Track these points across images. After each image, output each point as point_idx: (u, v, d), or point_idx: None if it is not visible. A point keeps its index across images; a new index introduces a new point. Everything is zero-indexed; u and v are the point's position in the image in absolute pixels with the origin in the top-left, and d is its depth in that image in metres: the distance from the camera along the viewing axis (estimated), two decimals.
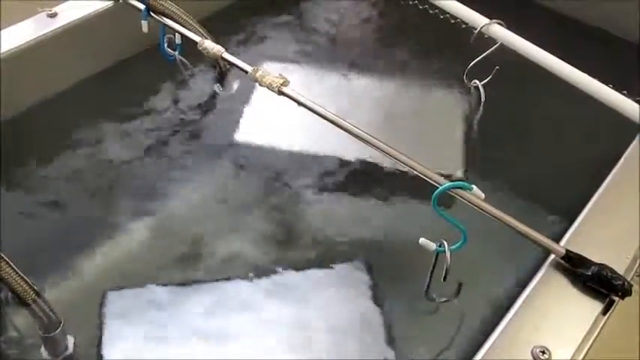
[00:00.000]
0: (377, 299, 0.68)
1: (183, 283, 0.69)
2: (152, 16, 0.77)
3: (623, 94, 0.75)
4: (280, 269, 0.70)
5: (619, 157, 0.65)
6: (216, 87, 0.87)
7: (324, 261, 0.71)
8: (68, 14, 0.79)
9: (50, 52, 0.79)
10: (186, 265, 0.70)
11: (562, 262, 0.53)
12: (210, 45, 0.71)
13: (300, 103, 0.65)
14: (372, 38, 0.98)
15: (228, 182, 0.80)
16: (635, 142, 0.65)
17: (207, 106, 0.86)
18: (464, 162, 0.79)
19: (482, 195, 0.58)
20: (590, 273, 0.51)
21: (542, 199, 0.75)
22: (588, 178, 0.71)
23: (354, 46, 0.97)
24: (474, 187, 0.58)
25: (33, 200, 0.76)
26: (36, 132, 0.82)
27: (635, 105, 0.66)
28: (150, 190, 0.78)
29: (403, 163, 0.59)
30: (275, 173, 0.80)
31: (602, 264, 0.51)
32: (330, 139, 0.81)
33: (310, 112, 0.81)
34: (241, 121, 0.85)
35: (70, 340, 0.62)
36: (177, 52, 0.81)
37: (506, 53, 0.78)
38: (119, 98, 0.85)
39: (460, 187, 0.57)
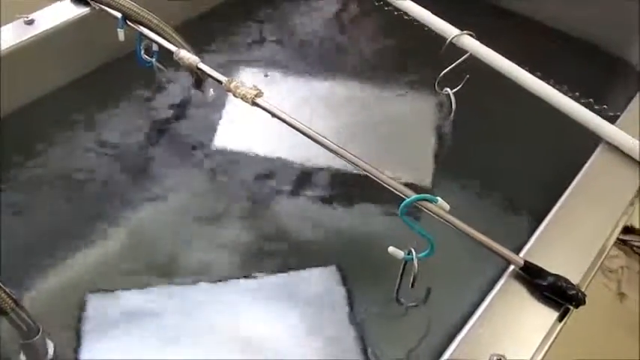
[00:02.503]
0: (349, 303, 0.70)
1: (158, 288, 0.70)
2: (128, 25, 0.78)
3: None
4: (253, 273, 0.71)
5: (581, 167, 0.68)
6: (193, 93, 0.88)
7: (296, 266, 0.72)
8: (45, 21, 0.80)
9: (27, 59, 0.80)
10: (159, 272, 0.72)
11: (521, 272, 0.56)
12: (185, 55, 0.73)
13: (273, 115, 0.67)
14: (345, 44, 1.00)
15: (202, 187, 0.81)
16: (595, 154, 0.67)
17: (184, 111, 0.87)
18: (434, 170, 0.81)
19: (447, 207, 0.60)
20: (546, 283, 0.54)
21: (508, 205, 0.78)
22: (554, 185, 0.74)
23: (327, 51, 0.98)
24: (438, 199, 0.60)
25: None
26: (11, 138, 0.82)
27: (603, 121, 0.68)
28: (124, 195, 0.79)
29: (373, 176, 0.61)
30: (250, 179, 0.81)
31: (558, 275, 0.54)
32: (306, 145, 0.82)
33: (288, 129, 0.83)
34: (217, 126, 0.86)
35: (51, 346, 0.63)
36: (154, 59, 0.82)
37: (480, 61, 0.81)
38: (96, 105, 0.86)
39: (426, 200, 0.59)
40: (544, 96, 0.71)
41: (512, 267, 0.56)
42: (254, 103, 0.67)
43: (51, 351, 0.63)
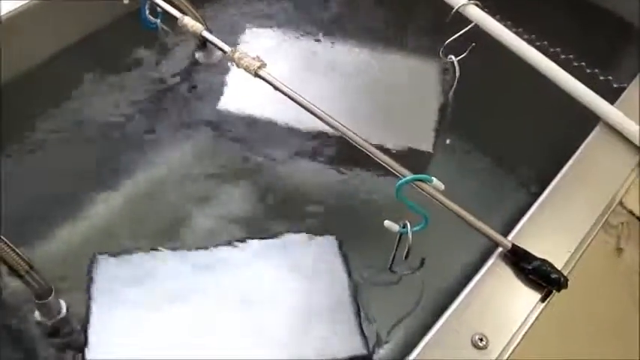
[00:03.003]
0: (346, 269, 0.73)
1: (165, 251, 0.73)
2: None
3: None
4: (254, 237, 0.74)
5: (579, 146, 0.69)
6: (198, 55, 0.89)
7: (296, 230, 0.75)
8: None
9: (28, 22, 0.80)
10: (164, 233, 0.74)
11: (508, 254, 0.58)
12: (189, 22, 0.73)
13: (275, 87, 0.67)
14: (351, 6, 0.99)
15: (205, 151, 0.82)
16: (592, 135, 0.68)
17: (188, 74, 0.88)
18: (435, 136, 0.82)
19: (442, 186, 0.62)
20: (531, 267, 0.56)
21: (506, 174, 0.80)
22: (554, 156, 0.75)
23: (333, 14, 0.97)
24: (433, 179, 0.61)
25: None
26: (19, 99, 0.83)
27: (616, 110, 0.68)
28: (128, 158, 0.81)
29: (371, 154, 0.62)
30: (254, 142, 0.83)
31: (544, 259, 0.56)
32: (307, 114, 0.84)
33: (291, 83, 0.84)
34: (223, 89, 0.87)
35: (63, 305, 0.67)
36: (159, 20, 0.82)
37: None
38: (100, 65, 0.87)
39: (421, 180, 0.61)
40: (546, 72, 0.70)
41: (500, 249, 0.59)
42: (257, 75, 0.68)
43: (64, 309, 0.67)
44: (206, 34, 0.72)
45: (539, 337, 0.53)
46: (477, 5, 0.75)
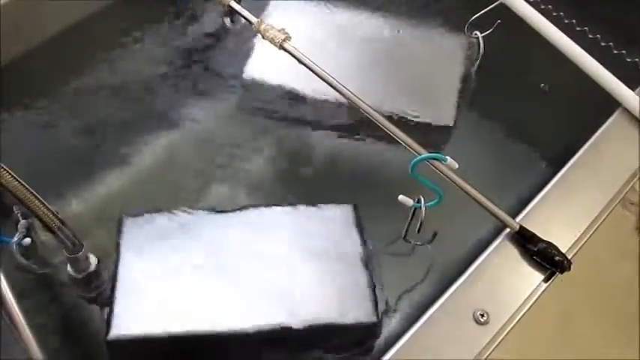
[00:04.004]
0: (360, 237, 0.75)
1: (188, 213, 0.76)
2: None
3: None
4: (271, 203, 0.76)
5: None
6: (226, 21, 0.90)
7: (314, 197, 0.77)
8: None
9: None
10: (188, 196, 0.78)
11: (516, 235, 0.60)
12: None
13: (299, 61, 0.69)
14: None
15: (228, 119, 0.84)
16: (610, 120, 0.68)
17: (216, 39, 0.90)
18: (456, 110, 0.83)
19: (456, 165, 0.64)
20: (537, 249, 0.58)
21: (524, 152, 0.81)
22: (573, 137, 0.75)
23: None
24: (448, 158, 0.63)
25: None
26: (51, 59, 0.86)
27: (635, 96, 0.68)
28: (151, 124, 0.83)
29: (389, 130, 0.64)
30: (278, 111, 0.84)
31: (549, 242, 0.58)
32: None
33: (313, 57, 0.85)
34: (249, 57, 0.87)
35: (93, 260, 0.72)
36: None
37: None
38: (125, 32, 0.88)
39: (435, 159, 0.63)
40: (568, 52, 0.70)
41: (507, 229, 0.60)
42: (281, 47, 0.70)
43: (94, 264, 0.72)
44: (233, 4, 0.73)
45: (540, 316, 0.55)
46: None
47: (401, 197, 0.69)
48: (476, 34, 0.82)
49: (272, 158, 0.82)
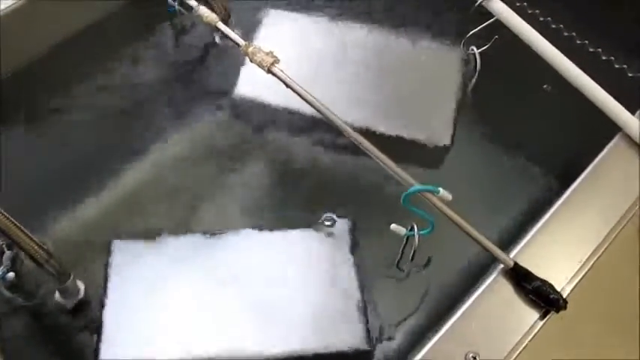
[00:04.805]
0: (355, 260, 0.73)
1: (179, 234, 0.74)
2: None
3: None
4: (265, 224, 0.75)
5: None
6: (216, 36, 0.88)
7: (309, 216, 0.75)
8: None
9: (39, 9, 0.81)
10: (176, 215, 0.76)
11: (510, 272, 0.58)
12: (204, 12, 0.72)
13: (287, 85, 0.67)
14: None
15: (218, 132, 0.83)
16: (610, 145, 0.66)
17: (205, 55, 0.88)
18: (453, 129, 0.81)
19: (449, 197, 0.62)
20: (532, 287, 0.56)
21: (522, 173, 0.78)
22: (572, 158, 0.74)
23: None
24: (440, 189, 0.61)
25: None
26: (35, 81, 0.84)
27: (635, 120, 0.66)
28: (142, 136, 0.82)
29: (380, 160, 0.62)
30: (267, 126, 0.82)
31: (544, 280, 0.56)
32: (326, 98, 0.83)
33: (309, 71, 0.83)
34: (238, 71, 0.85)
35: (82, 287, 0.71)
36: (176, 2, 0.82)
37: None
38: (114, 47, 0.87)
39: (428, 191, 0.61)
40: (565, 73, 0.68)
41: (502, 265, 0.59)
42: (269, 71, 0.68)
43: (82, 291, 0.70)
44: (220, 26, 0.71)
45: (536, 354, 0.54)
46: None
47: (393, 226, 0.67)
48: (472, 49, 0.79)
49: (262, 175, 0.80)
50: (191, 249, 0.74)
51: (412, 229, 0.67)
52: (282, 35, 0.89)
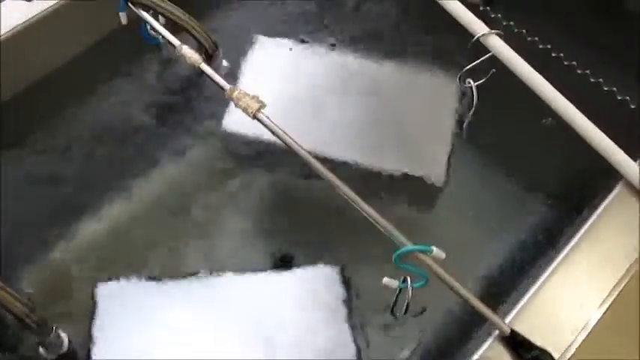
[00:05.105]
0: (347, 305, 0.72)
1: (163, 282, 0.72)
2: (130, 7, 0.73)
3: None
4: (255, 266, 0.73)
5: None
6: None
7: (299, 260, 0.74)
8: None
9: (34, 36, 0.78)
10: (163, 254, 0.74)
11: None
12: (187, 52, 0.69)
13: (272, 132, 0.64)
14: (371, 17, 0.92)
15: (206, 167, 0.81)
16: (611, 196, 0.63)
17: (192, 87, 0.85)
18: (447, 166, 0.78)
19: (443, 255, 0.59)
20: (529, 356, 0.54)
21: (520, 217, 0.76)
22: (572, 201, 0.71)
23: (345, 23, 0.91)
24: (433, 249, 0.59)
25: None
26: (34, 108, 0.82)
27: (632, 162, 0.63)
28: (125, 173, 0.79)
29: (371, 218, 0.59)
30: (254, 161, 0.80)
31: (542, 349, 0.54)
32: (317, 132, 0.81)
33: (305, 106, 0.80)
34: (226, 103, 0.82)
35: (65, 339, 0.69)
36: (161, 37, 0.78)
37: None
38: (97, 79, 0.84)
39: (421, 251, 0.58)
40: (564, 115, 0.65)
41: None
42: (255, 117, 0.65)
43: (66, 343, 0.68)
44: (204, 68, 0.68)
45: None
46: (498, 35, 0.69)
47: (385, 280, 0.64)
48: (469, 82, 0.76)
49: (251, 212, 0.78)
50: (177, 291, 0.72)
51: (405, 281, 0.65)
52: (272, 65, 0.86)
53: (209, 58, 0.82)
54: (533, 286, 0.58)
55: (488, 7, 0.79)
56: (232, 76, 0.84)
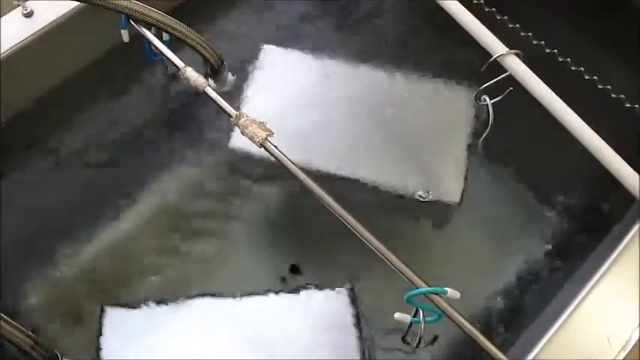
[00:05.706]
0: (358, 327, 0.71)
1: (172, 299, 0.72)
2: (132, 24, 0.70)
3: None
4: (264, 290, 0.72)
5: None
6: (209, 82, 0.81)
7: (309, 280, 0.73)
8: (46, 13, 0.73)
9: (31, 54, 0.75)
10: (167, 275, 0.73)
11: None
12: (192, 75, 0.66)
13: (279, 161, 0.62)
14: (385, 30, 0.88)
15: (213, 185, 0.79)
16: (631, 233, 0.60)
17: (197, 102, 0.82)
18: (463, 185, 0.76)
19: (458, 295, 0.57)
20: None
21: (533, 235, 0.74)
22: (586, 221, 0.69)
23: (364, 36, 0.87)
24: (448, 290, 0.56)
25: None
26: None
27: (635, 175, 0.60)
28: (130, 188, 0.78)
29: (386, 259, 0.57)
30: (260, 179, 0.78)
31: None
32: (329, 152, 0.78)
33: (315, 120, 0.78)
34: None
35: None
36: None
37: None
38: (102, 95, 0.82)
39: (435, 293, 0.56)
40: (580, 137, 0.62)
41: None
42: (262, 146, 0.62)
43: None
44: (209, 92, 0.65)
45: None
46: (517, 55, 0.66)
47: (397, 315, 0.63)
48: (485, 100, 0.73)
49: (261, 234, 0.76)
50: (186, 311, 0.71)
51: (416, 314, 0.63)
52: (281, 76, 0.83)
53: (215, 73, 0.80)
54: (547, 334, 0.56)
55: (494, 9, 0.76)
56: (238, 87, 0.82)
